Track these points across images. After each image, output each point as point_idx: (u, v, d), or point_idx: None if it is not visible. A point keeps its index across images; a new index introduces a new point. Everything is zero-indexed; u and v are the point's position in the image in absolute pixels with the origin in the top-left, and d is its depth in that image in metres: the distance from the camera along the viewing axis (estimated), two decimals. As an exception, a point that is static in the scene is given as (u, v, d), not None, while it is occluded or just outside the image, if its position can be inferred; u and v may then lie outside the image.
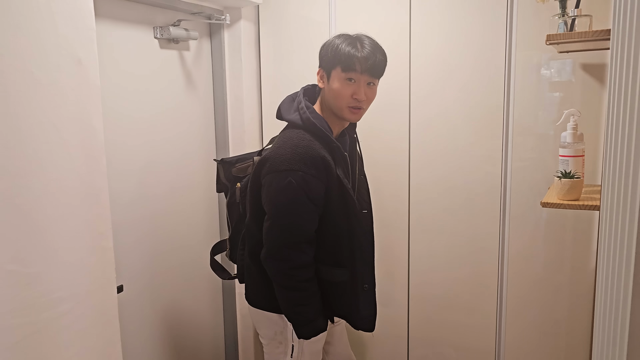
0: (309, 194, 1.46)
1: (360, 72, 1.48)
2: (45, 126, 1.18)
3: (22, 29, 1.11)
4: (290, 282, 1.50)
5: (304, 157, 1.45)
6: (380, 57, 1.52)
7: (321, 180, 1.47)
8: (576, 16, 1.53)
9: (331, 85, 1.52)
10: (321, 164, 1.46)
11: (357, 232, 1.57)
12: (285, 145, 1.48)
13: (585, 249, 1.86)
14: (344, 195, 1.52)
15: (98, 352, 1.36)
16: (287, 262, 1.49)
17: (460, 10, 1.89)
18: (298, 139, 1.48)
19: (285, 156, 1.46)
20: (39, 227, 1.17)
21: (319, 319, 1.56)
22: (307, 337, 1.56)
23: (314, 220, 1.50)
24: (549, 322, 1.96)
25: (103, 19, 1.65)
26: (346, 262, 1.58)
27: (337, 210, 1.53)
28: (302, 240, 1.49)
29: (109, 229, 1.38)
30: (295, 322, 1.55)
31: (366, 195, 1.73)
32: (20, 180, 1.13)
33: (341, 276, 1.58)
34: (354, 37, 1.52)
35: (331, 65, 1.51)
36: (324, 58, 1.55)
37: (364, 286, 1.61)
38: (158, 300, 1.96)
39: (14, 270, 1.13)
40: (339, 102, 1.51)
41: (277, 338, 1.64)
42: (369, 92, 1.52)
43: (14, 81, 1.10)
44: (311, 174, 1.45)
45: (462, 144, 1.96)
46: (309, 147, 1.46)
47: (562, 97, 1.82)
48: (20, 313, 1.15)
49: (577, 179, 1.53)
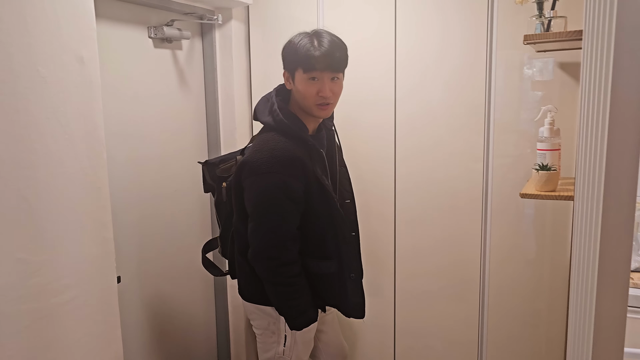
0: (288, 194, 1.52)
1: (321, 70, 1.52)
2: (51, 122, 1.24)
3: (30, 30, 1.17)
4: (278, 279, 1.57)
5: (281, 159, 1.50)
6: (339, 53, 1.54)
7: (299, 181, 1.53)
8: (552, 17, 1.62)
9: (297, 86, 1.56)
10: (298, 164, 1.52)
11: (340, 225, 1.64)
12: (263, 149, 1.53)
13: (563, 239, 1.95)
14: (324, 192, 1.58)
15: (100, 337, 1.42)
16: (274, 260, 1.56)
17: (443, 10, 1.97)
18: (274, 141, 1.53)
19: (263, 159, 1.51)
20: (46, 218, 1.23)
21: (309, 311, 1.64)
22: (299, 329, 1.63)
23: (295, 218, 1.57)
24: (529, 312, 2.05)
25: (100, 19, 1.71)
26: (332, 254, 1.65)
27: (319, 207, 1.59)
28: (286, 238, 1.56)
29: (109, 220, 1.44)
30: (287, 315, 1.62)
31: (348, 186, 1.81)
32: (29, 173, 1.19)
33: (328, 268, 1.65)
34: (311, 34, 1.55)
35: (293, 67, 1.56)
36: (285, 60, 1.59)
37: (351, 275, 1.68)
38: (152, 292, 2.02)
39: (23, 258, 1.19)
40: (306, 101, 1.56)
41: (271, 328, 1.71)
42: (334, 87, 1.56)
43: (23, 79, 1.16)
44: (289, 175, 1.51)
45: (445, 140, 2.05)
46: (285, 150, 1.52)
47: (541, 94, 1.91)
48: (30, 299, 1.21)
49: (554, 171, 1.63)
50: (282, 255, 1.56)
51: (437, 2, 1.98)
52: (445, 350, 2.22)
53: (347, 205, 1.77)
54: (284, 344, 1.69)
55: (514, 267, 2.04)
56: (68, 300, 1.31)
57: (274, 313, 1.68)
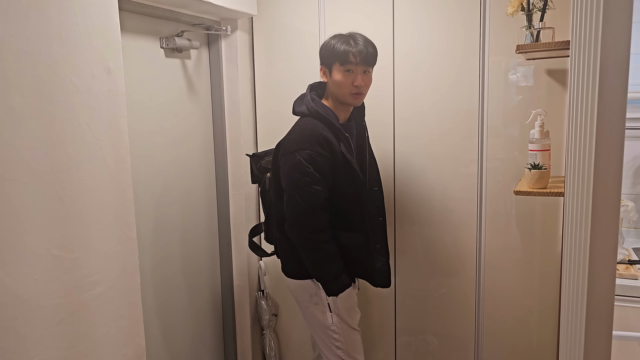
0: (315, 167, 1.71)
1: (356, 64, 1.76)
2: (82, 128, 1.33)
3: (65, 42, 1.27)
4: (311, 245, 1.76)
5: (310, 137, 1.72)
6: (371, 49, 1.81)
7: (325, 157, 1.73)
8: (541, 28, 1.75)
9: (334, 78, 1.79)
10: (324, 142, 1.73)
11: (365, 201, 1.82)
12: (295, 131, 1.78)
13: (553, 236, 2.07)
14: (350, 169, 1.78)
15: (125, 331, 1.50)
16: (306, 227, 1.75)
17: (438, 22, 2.09)
18: (305, 124, 1.77)
19: (294, 139, 1.75)
20: (78, 218, 1.32)
21: (342, 276, 1.81)
22: (335, 294, 1.80)
23: (324, 189, 1.74)
24: (521, 308, 2.15)
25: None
26: (359, 227, 1.83)
27: (345, 181, 1.79)
28: (314, 207, 1.74)
29: (133, 221, 1.53)
30: (322, 281, 1.80)
31: (376, 175, 2.00)
32: (63, 175, 1.28)
33: (356, 239, 1.84)
34: (347, 35, 1.81)
35: (331, 62, 1.79)
36: (324, 57, 1.83)
37: (377, 246, 1.88)
38: (160, 291, 2.10)
39: (59, 255, 1.28)
40: (342, 90, 1.79)
41: (314, 300, 1.88)
42: (365, 78, 1.80)
43: (59, 89, 1.25)
44: (317, 151, 1.71)
45: (441, 144, 2.17)
46: (314, 130, 1.74)
47: (530, 98, 2.03)
48: (64, 294, 1.29)
49: (545, 170, 1.75)
50: (312, 223, 1.75)
51: (433, 14, 2.10)
52: (443, 346, 2.32)
53: (375, 192, 1.98)
54: (330, 310, 1.86)
55: (508, 263, 2.14)
56: (97, 296, 1.40)
57: (312, 284, 1.86)
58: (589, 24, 0.99)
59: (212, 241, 2.40)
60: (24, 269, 1.19)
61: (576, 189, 1.16)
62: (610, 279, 1.01)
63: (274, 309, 2.54)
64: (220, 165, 2.38)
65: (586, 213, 1.01)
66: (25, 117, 1.17)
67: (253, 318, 2.51)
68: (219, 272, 2.45)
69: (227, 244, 2.43)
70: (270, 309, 2.51)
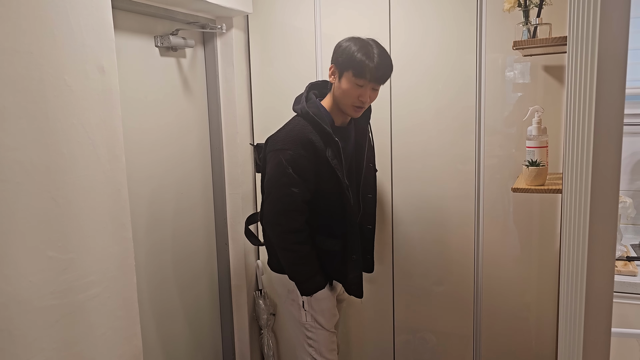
0: (297, 170, 1.68)
1: (369, 80, 1.69)
2: (76, 128, 1.31)
3: (57, 42, 1.25)
4: (284, 244, 1.74)
5: (295, 139, 1.69)
6: (388, 70, 1.73)
7: (309, 160, 1.69)
8: (538, 24, 1.74)
9: (341, 84, 1.72)
10: (309, 145, 1.69)
11: (347, 208, 1.78)
12: (283, 130, 1.77)
13: (550, 233, 2.06)
14: (333, 176, 1.74)
15: (122, 332, 1.49)
16: (280, 226, 1.73)
17: (433, 19, 2.08)
18: (294, 124, 1.74)
19: (280, 137, 1.73)
20: (73, 218, 1.31)
21: (316, 277, 1.79)
22: (308, 294, 1.79)
23: (303, 192, 1.71)
24: (520, 305, 2.15)
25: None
26: (338, 234, 1.81)
27: (328, 188, 1.75)
28: (292, 208, 1.72)
29: (128, 221, 1.52)
30: (295, 280, 1.79)
31: (372, 182, 1.97)
32: (57, 176, 1.27)
33: (333, 246, 1.81)
34: (367, 44, 1.70)
35: (344, 68, 1.71)
36: (338, 59, 1.72)
37: (353, 257, 1.83)
38: (157, 291, 2.09)
39: (54, 256, 1.26)
40: (346, 100, 1.73)
41: (290, 296, 1.87)
42: (372, 95, 1.75)
43: (51, 88, 1.24)
44: (299, 154, 1.68)
45: (438, 141, 2.16)
46: (301, 132, 1.70)
47: (527, 95, 2.02)
48: (59, 295, 1.28)
49: (542, 166, 1.75)
50: (287, 223, 1.72)
51: (429, 11, 2.09)
52: (441, 343, 2.32)
53: (369, 199, 1.96)
54: (304, 308, 1.85)
55: (506, 261, 2.14)
56: (93, 297, 1.39)
57: (289, 280, 1.84)
58: (587, 20, 0.99)
59: (209, 241, 2.39)
60: (18, 271, 1.18)
61: (574, 185, 1.15)
62: (609, 276, 1.00)
63: (271, 309, 2.53)
64: (217, 165, 2.37)
65: (584, 210, 1.01)
66: (17, 117, 1.16)
67: (251, 318, 2.51)
68: (216, 271, 2.44)
69: (225, 243, 2.42)
70: (268, 309, 2.50)
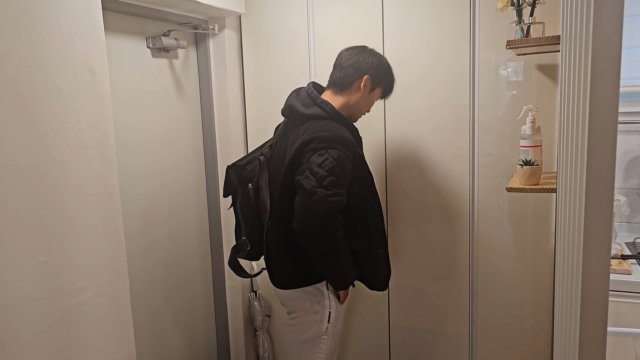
0: (342, 169, 1.67)
1: (384, 98, 1.89)
2: (66, 131, 1.30)
3: (46, 44, 1.24)
4: (330, 245, 1.68)
5: (340, 138, 1.68)
6: None
7: (350, 160, 1.70)
8: (531, 23, 1.73)
9: (370, 96, 1.83)
10: (351, 145, 1.71)
11: (374, 206, 1.82)
12: (324, 130, 1.69)
13: (545, 232, 2.06)
14: (368, 174, 1.81)
15: (115, 336, 1.48)
16: (328, 228, 1.66)
17: (427, 18, 2.07)
18: (331, 125, 1.72)
19: (324, 137, 1.67)
20: (63, 222, 1.30)
21: (353, 271, 1.80)
22: (345, 287, 1.81)
23: (345, 192, 1.69)
24: (515, 304, 2.15)
25: (101, 31, 1.77)
26: (362, 233, 1.81)
27: (358, 187, 1.77)
28: (335, 207, 1.66)
29: (121, 224, 1.51)
30: (336, 278, 1.78)
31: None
32: (47, 180, 1.25)
33: (361, 245, 1.81)
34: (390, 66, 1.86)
35: (380, 84, 1.82)
36: (379, 75, 1.81)
37: (379, 251, 1.84)
38: (151, 294, 2.08)
39: (44, 261, 1.25)
40: (363, 108, 1.85)
41: (314, 308, 1.82)
42: None
43: (40, 91, 1.23)
44: (344, 153, 1.68)
45: (432, 140, 2.15)
46: (343, 131, 1.72)
47: (521, 94, 2.02)
48: (51, 300, 1.27)
49: (537, 166, 1.74)
50: (334, 223, 1.67)
51: (422, 10, 2.08)
52: (437, 343, 2.31)
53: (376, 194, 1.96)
54: (328, 321, 1.82)
55: (501, 260, 2.14)
56: (85, 301, 1.37)
57: (315, 291, 1.81)
58: (580, 18, 0.98)
59: (203, 242, 2.38)
60: (8, 276, 1.16)
61: (569, 184, 1.15)
62: (604, 275, 1.00)
63: (267, 310, 2.52)
64: (210, 166, 2.35)
65: (579, 209, 1.01)
66: (5, 120, 1.14)
67: (246, 319, 2.49)
68: (210, 273, 2.43)
69: (219, 245, 2.40)
70: (263, 310, 2.49)
